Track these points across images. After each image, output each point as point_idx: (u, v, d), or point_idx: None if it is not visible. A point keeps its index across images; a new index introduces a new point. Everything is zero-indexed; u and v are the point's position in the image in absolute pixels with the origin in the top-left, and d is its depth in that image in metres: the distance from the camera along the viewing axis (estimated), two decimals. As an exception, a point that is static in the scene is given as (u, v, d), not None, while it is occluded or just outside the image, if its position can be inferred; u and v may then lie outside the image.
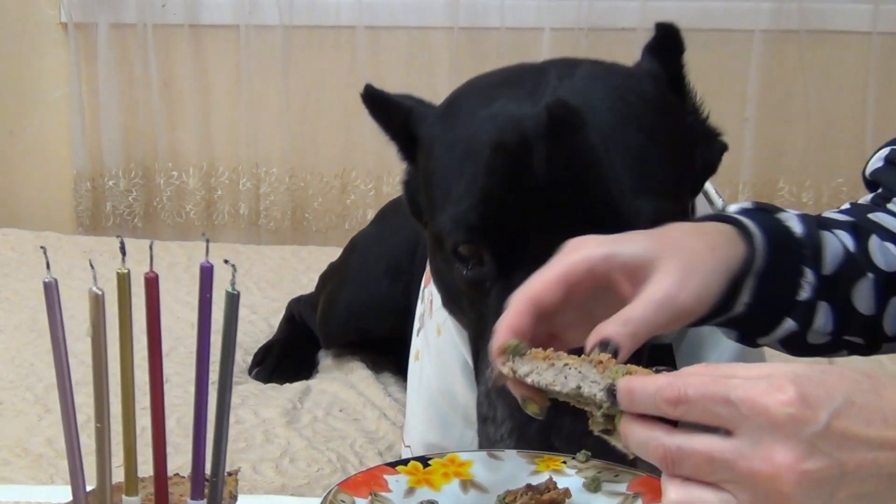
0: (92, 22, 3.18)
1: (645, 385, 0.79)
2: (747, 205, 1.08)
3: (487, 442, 1.10)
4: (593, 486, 0.99)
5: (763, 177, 2.98)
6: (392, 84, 3.20)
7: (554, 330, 0.94)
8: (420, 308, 1.47)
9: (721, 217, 1.02)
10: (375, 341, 2.02)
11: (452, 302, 1.21)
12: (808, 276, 1.03)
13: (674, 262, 0.91)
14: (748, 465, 0.74)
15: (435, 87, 3.07)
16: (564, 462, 1.02)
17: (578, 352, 0.87)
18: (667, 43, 1.18)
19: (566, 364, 0.85)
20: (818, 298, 1.04)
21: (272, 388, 1.93)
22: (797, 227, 1.04)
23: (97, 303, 0.68)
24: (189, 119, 3.25)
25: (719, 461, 0.75)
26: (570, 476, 1.00)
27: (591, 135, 1.07)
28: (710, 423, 0.76)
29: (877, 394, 0.77)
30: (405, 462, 1.01)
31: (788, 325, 1.03)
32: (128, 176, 3.27)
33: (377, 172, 3.15)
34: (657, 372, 0.83)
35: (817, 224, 1.07)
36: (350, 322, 2.02)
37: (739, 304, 0.99)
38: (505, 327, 0.89)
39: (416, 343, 1.45)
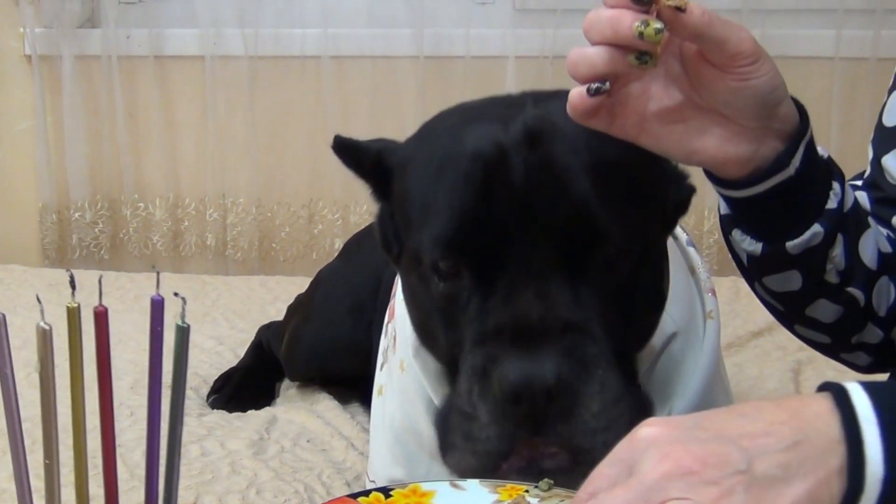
0: (56, 54, 3.17)
1: None
2: None
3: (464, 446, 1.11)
4: (555, 514, 0.98)
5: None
6: (358, 113, 3.21)
7: None
8: (384, 342, 1.47)
9: None
10: (339, 379, 2.02)
11: (426, 324, 1.21)
12: (836, 188, 1.12)
13: None
14: (656, 473, 0.76)
15: (401, 116, 3.08)
16: (527, 491, 1.02)
17: None
18: None
19: None
20: (837, 230, 1.12)
21: (238, 418, 1.92)
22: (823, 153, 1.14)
23: (45, 338, 0.67)
24: (155, 150, 3.24)
25: (633, 495, 0.76)
26: (531, 504, 1.00)
27: (567, 147, 1.09)
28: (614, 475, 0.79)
29: (733, 407, 0.82)
30: (367, 493, 1.01)
31: (817, 229, 1.10)
32: (94, 208, 3.26)
33: (344, 202, 3.15)
34: None
35: None
36: (313, 361, 2.02)
37: (792, 167, 1.07)
38: None
39: (380, 378, 1.45)
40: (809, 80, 2.99)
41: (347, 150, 1.26)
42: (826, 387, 0.83)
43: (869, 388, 0.82)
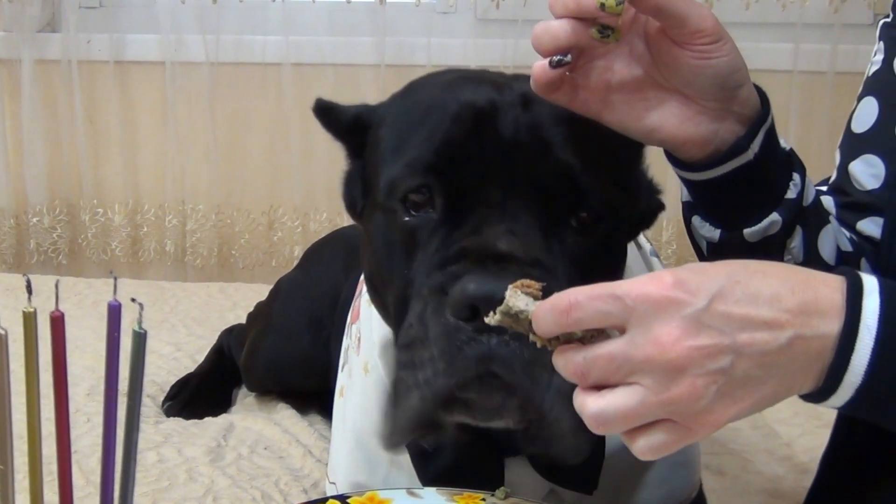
0: (16, 58, 3.15)
1: (542, 306, 0.85)
2: None
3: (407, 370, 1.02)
4: (511, 522, 0.99)
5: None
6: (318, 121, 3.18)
7: None
8: (345, 342, 1.47)
9: None
10: (297, 394, 2.02)
11: (381, 268, 1.16)
12: (796, 179, 1.13)
13: None
14: (642, 353, 0.81)
15: (362, 124, 3.07)
16: (484, 499, 1.02)
17: None
18: None
19: None
20: (796, 221, 1.14)
21: (195, 424, 1.92)
22: (785, 145, 1.15)
23: (0, 343, 0.67)
24: (114, 156, 3.22)
25: (619, 357, 0.82)
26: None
27: (557, 116, 1.10)
28: (603, 323, 0.83)
29: (753, 278, 0.84)
30: (324, 500, 1.01)
31: (774, 218, 1.12)
32: (52, 213, 3.24)
33: (304, 209, 3.15)
34: None
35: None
36: (271, 375, 2.02)
37: (751, 151, 1.08)
38: None
39: (341, 378, 1.45)
40: (768, 92, 3.01)
41: (326, 112, 1.28)
42: (847, 275, 0.87)
43: (886, 291, 0.85)
